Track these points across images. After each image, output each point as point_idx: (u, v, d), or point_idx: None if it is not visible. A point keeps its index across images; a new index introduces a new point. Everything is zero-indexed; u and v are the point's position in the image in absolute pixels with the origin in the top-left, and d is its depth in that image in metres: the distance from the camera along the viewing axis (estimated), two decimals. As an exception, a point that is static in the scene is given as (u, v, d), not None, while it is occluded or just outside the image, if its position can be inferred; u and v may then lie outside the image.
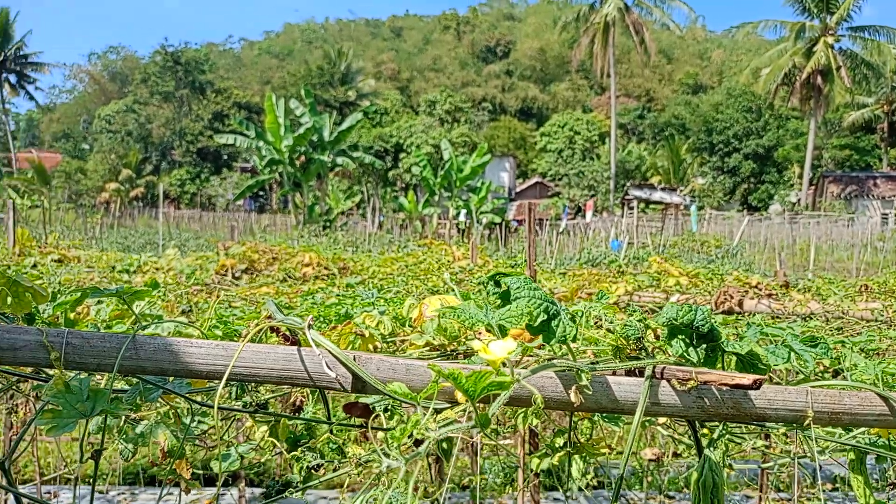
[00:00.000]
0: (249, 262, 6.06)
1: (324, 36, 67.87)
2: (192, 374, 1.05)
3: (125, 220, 32.92)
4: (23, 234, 6.62)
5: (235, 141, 30.76)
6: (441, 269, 6.67)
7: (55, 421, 0.94)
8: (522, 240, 25.04)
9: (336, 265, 6.62)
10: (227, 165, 47.15)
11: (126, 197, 41.32)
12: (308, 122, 29.57)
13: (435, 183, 32.53)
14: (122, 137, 46.58)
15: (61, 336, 1.02)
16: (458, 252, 7.95)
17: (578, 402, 0.99)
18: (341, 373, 1.04)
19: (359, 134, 42.57)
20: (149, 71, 48.48)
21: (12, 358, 1.03)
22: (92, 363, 1.03)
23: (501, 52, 63.91)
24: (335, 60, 50.76)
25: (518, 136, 50.85)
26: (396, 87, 57.20)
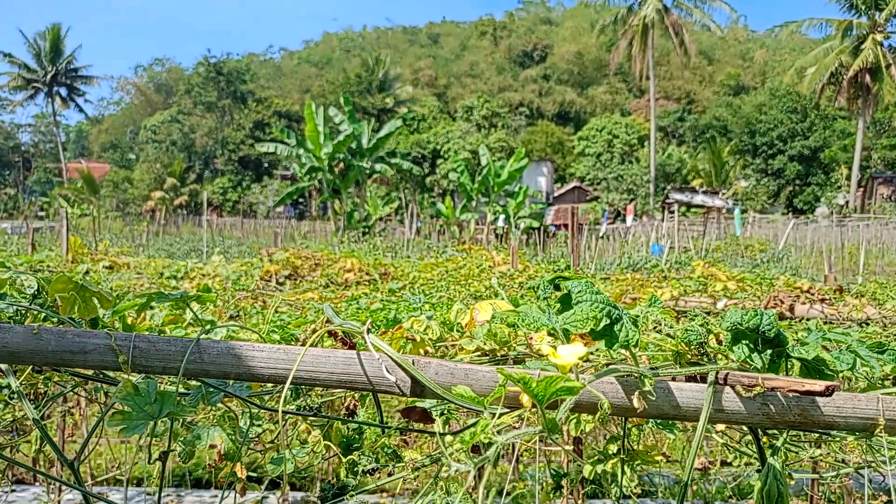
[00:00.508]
0: (293, 268, 6.14)
1: (362, 44, 68.58)
2: (254, 377, 1.06)
3: (170, 227, 33.69)
4: (75, 242, 6.83)
5: (276, 149, 31.28)
6: (481, 275, 6.66)
7: (126, 422, 0.96)
8: (561, 245, 24.85)
9: (377, 271, 6.67)
10: (267, 173, 47.94)
11: (171, 205, 42.31)
12: (347, 129, 29.90)
13: (472, 188, 32.55)
14: (166, 147, 47.75)
15: (129, 340, 1.05)
16: (497, 257, 7.93)
17: (641, 408, 0.97)
18: (400, 377, 1.05)
19: (396, 140, 42.89)
20: (192, 82, 49.63)
21: (82, 361, 1.06)
22: (158, 366, 1.06)
23: (538, 56, 63.68)
24: (373, 68, 51.24)
25: (556, 140, 50.57)
26: (433, 93, 57.45)
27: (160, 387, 1.18)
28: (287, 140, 30.67)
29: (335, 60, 63.95)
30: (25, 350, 1.05)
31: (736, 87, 56.28)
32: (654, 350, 1.18)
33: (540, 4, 75.88)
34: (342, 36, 72.29)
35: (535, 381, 0.80)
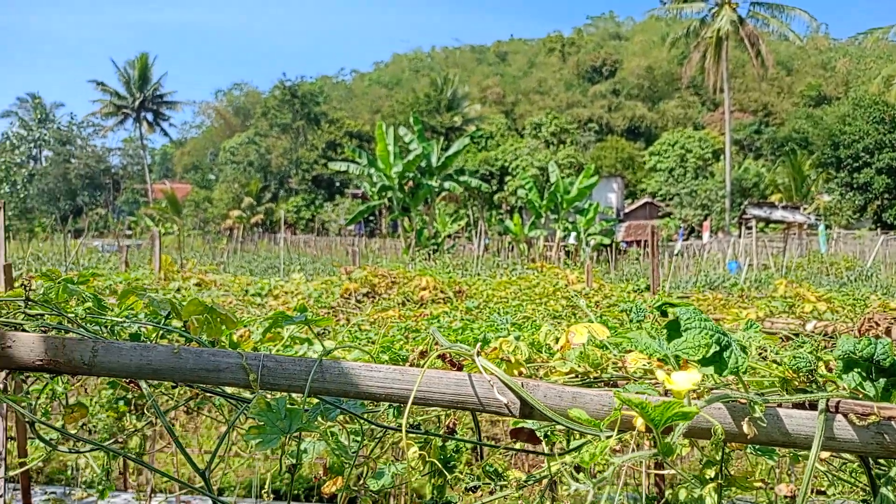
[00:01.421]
0: (370, 286, 6.28)
1: (430, 64, 69.62)
2: (370, 396, 1.13)
3: (247, 244, 34.88)
4: (166, 260, 7.21)
5: (348, 168, 32.04)
6: (556, 293, 6.64)
7: (261, 436, 1.05)
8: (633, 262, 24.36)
9: (451, 289, 6.74)
10: (339, 192, 49.11)
11: (247, 223, 43.86)
12: (417, 148, 30.36)
13: (541, 205, 32.40)
14: (244, 168, 49.63)
15: (258, 359, 1.14)
16: (571, 276, 7.88)
17: (752, 434, 0.99)
18: (510, 398, 1.09)
19: (465, 158, 43.18)
20: (268, 105, 51.53)
21: (216, 378, 1.15)
22: (284, 384, 1.14)
23: (607, 71, 63.04)
24: (441, 87, 51.90)
25: (626, 155, 49.79)
26: (501, 110, 57.63)
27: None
28: (359, 159, 31.40)
29: (404, 81, 65.11)
30: (166, 367, 1.15)
31: (817, 98, 54.09)
32: (759, 376, 1.18)
33: (609, 19, 75.26)
34: (411, 57, 73.59)
35: (652, 405, 0.83)
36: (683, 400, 0.88)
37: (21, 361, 1.17)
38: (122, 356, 1.15)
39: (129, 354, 1.16)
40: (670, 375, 0.86)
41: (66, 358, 1.16)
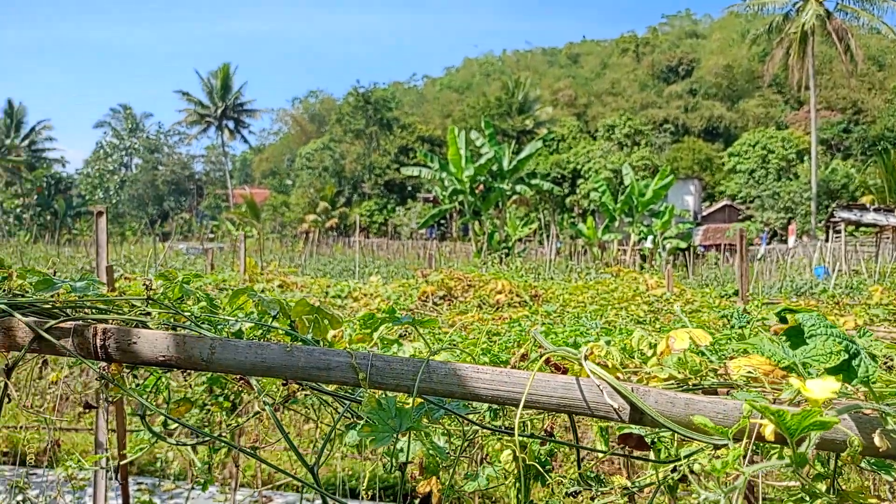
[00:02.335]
0: (446, 290, 6.33)
1: (501, 68, 69.53)
2: (476, 398, 1.14)
3: (321, 248, 35.70)
4: (250, 262, 7.47)
5: (420, 173, 32.36)
6: (635, 298, 6.49)
7: (372, 434, 1.07)
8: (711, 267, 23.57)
9: (527, 293, 6.70)
10: (411, 196, 49.68)
11: (322, 227, 44.92)
12: (488, 152, 30.37)
13: (615, 208, 31.82)
14: (319, 173, 50.91)
15: (367, 359, 1.16)
16: (651, 280, 7.70)
17: (884, 447, 0.94)
18: (620, 403, 1.08)
19: (536, 161, 42.89)
20: (343, 111, 52.69)
21: (326, 377, 1.19)
22: (391, 384, 1.16)
23: (684, 71, 61.33)
24: (513, 91, 51.77)
25: (703, 157, 48.27)
26: (573, 113, 56.94)
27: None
28: (430, 164, 31.66)
29: (475, 85, 65.26)
30: (279, 365, 1.19)
31: (912, 94, 50.95)
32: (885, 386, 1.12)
33: (685, 17, 73.22)
34: (482, 61, 73.70)
35: (790, 414, 0.80)
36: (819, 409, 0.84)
37: (145, 357, 1.24)
38: (237, 353, 1.20)
39: (244, 352, 1.20)
40: (805, 383, 0.82)
41: (186, 354, 1.21)
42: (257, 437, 6.18)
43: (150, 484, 6.77)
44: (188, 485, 7.00)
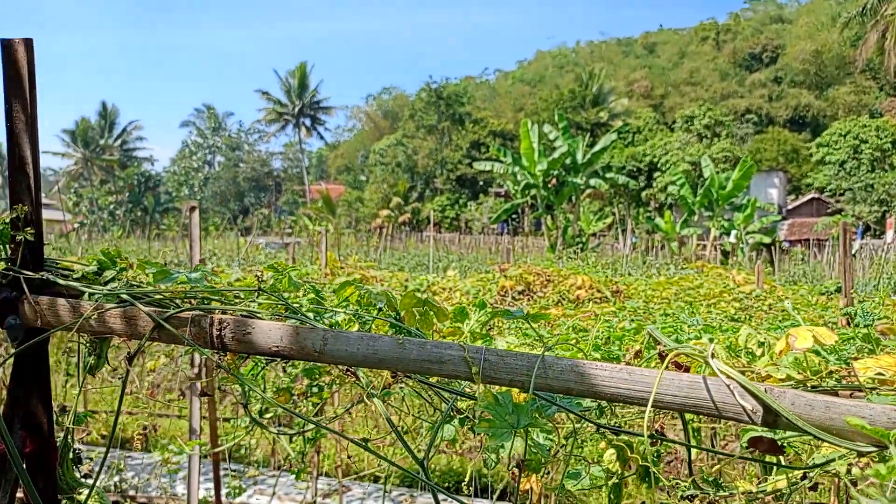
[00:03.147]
0: (525, 284, 6.27)
1: (575, 59, 68.41)
2: (596, 395, 1.10)
3: (395, 242, 36.13)
4: (331, 256, 7.62)
5: (492, 167, 32.25)
6: (722, 295, 6.26)
7: (491, 430, 1.05)
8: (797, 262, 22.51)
9: (608, 288, 6.56)
10: (483, 191, 49.64)
11: (395, 222, 45.50)
12: (561, 145, 29.97)
13: (694, 202, 30.80)
14: (392, 169, 51.55)
15: (479, 353, 1.14)
16: (738, 276, 7.41)
17: None
18: (751, 405, 1.01)
19: (611, 154, 42.04)
20: (415, 107, 53.13)
21: (438, 370, 1.17)
22: (505, 379, 1.14)
23: (768, 58, 58.71)
24: (586, 83, 50.89)
25: (788, 148, 46.09)
26: (649, 104, 55.47)
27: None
28: (503, 158, 31.51)
29: (548, 78, 64.50)
30: (391, 357, 1.19)
31: None
32: None
33: (769, 2, 70.00)
34: (555, 53, 72.74)
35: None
36: None
37: (259, 347, 1.26)
38: (349, 345, 1.21)
39: (356, 344, 1.20)
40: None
41: (299, 345, 1.23)
42: (341, 427, 6.30)
43: (235, 470, 7.01)
44: (270, 471, 7.22)
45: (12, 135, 1.43)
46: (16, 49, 1.41)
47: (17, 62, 1.41)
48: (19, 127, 1.42)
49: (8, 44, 1.40)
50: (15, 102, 1.42)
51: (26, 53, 1.41)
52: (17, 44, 1.41)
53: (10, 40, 1.40)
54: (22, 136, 1.42)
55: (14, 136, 1.42)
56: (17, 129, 1.42)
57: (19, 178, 1.43)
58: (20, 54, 1.41)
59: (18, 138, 1.42)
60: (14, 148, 1.43)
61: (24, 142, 1.42)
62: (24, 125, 1.42)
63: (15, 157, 1.43)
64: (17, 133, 1.42)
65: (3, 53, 1.41)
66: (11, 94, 1.42)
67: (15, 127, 1.42)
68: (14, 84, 1.41)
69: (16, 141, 1.42)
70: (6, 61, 1.41)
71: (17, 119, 1.42)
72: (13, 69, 1.41)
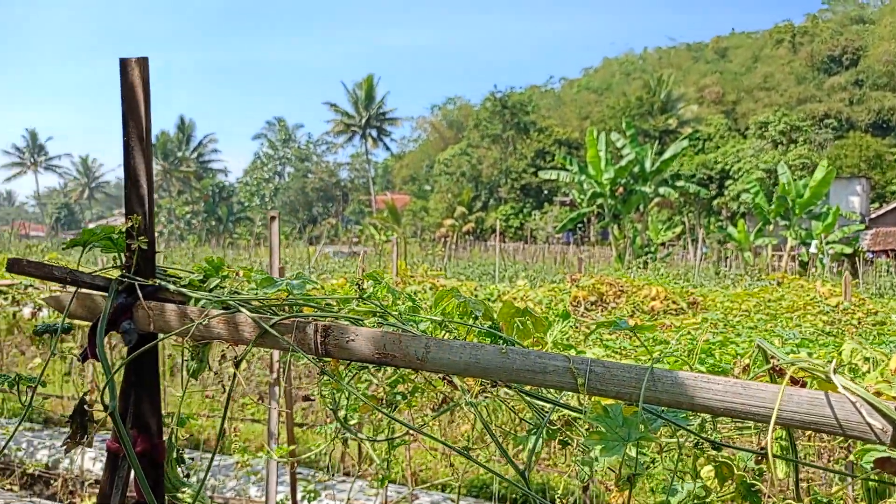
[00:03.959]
0: (598, 295, 6.17)
1: (642, 66, 67.19)
2: (707, 409, 1.07)
3: (459, 252, 36.22)
4: (401, 265, 7.70)
5: (558, 176, 31.99)
6: (807, 307, 6.00)
7: (602, 443, 1.03)
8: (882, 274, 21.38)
9: (684, 299, 6.39)
10: (547, 200, 49.26)
11: (459, 231, 45.64)
12: (629, 153, 29.46)
13: (769, 210, 29.69)
14: (456, 178, 51.78)
15: (585, 364, 1.13)
16: (822, 288, 7.09)
17: None
18: (880, 424, 0.96)
19: (680, 162, 41.05)
20: (480, 116, 53.28)
21: (541, 380, 1.17)
22: (612, 391, 1.12)
23: (848, 60, 56.19)
24: (654, 89, 49.92)
25: (871, 153, 43.91)
26: (721, 110, 53.90)
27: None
28: (569, 167, 31.21)
29: (615, 85, 63.57)
30: (494, 366, 1.19)
31: None
32: None
33: (850, 2, 67.07)
34: (622, 60, 71.64)
35: None
36: None
37: (361, 354, 1.28)
38: (452, 353, 1.21)
39: (458, 352, 1.21)
40: None
41: (402, 352, 1.24)
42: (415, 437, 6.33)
43: (305, 474, 7.13)
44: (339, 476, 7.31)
45: (128, 148, 1.50)
46: (132, 67, 1.48)
47: (133, 79, 1.48)
48: (134, 141, 1.50)
49: (125, 62, 1.48)
50: (130, 117, 1.49)
51: (141, 71, 1.49)
52: (133, 62, 1.48)
53: (128, 59, 1.48)
54: (136, 149, 1.50)
55: (129, 150, 1.50)
56: (131, 143, 1.50)
57: (133, 189, 1.50)
58: (136, 72, 1.48)
59: (133, 151, 1.50)
60: (129, 160, 1.50)
61: (137, 155, 1.50)
62: (139, 139, 1.49)
63: (130, 169, 1.50)
64: (132, 146, 1.50)
65: (121, 71, 1.49)
66: (127, 109, 1.49)
67: (130, 141, 1.50)
68: (130, 100, 1.49)
69: (131, 154, 1.50)
70: (123, 78, 1.49)
71: (131, 133, 1.50)
72: (129, 86, 1.48)
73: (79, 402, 1.53)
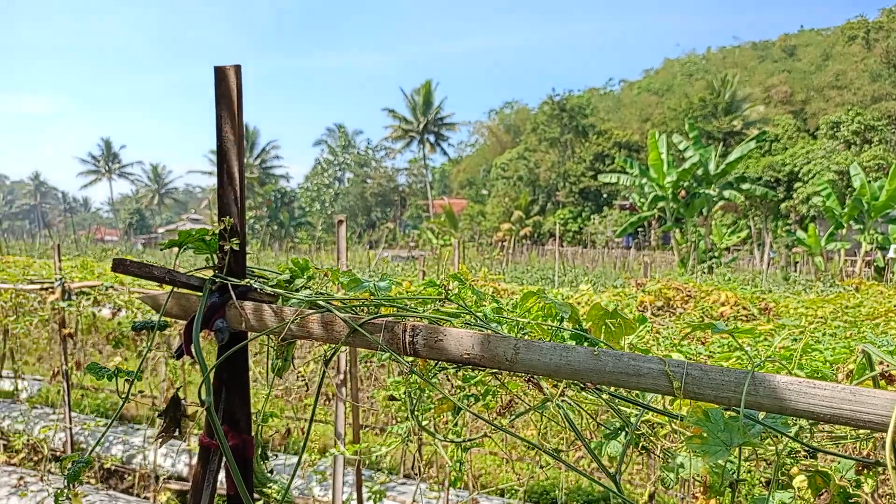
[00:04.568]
0: (665, 300, 6.03)
1: (706, 66, 65.52)
2: (812, 416, 1.03)
3: (516, 256, 36.06)
4: (462, 269, 7.72)
5: (618, 179, 31.53)
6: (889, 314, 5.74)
7: (704, 447, 1.01)
8: (967, 281, 20.20)
9: (755, 305, 6.19)
10: (606, 204, 48.55)
11: (516, 236, 45.43)
12: (692, 155, 28.79)
13: (842, 214, 28.50)
14: (514, 182, 51.60)
15: (681, 367, 1.11)
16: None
17: None
18: None
19: (746, 164, 39.86)
20: (538, 120, 52.97)
21: (635, 383, 1.15)
22: (710, 395, 1.09)
23: (928, 55, 53.45)
24: (718, 90, 48.63)
25: (955, 153, 41.62)
26: (789, 111, 52.06)
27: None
28: (629, 170, 30.72)
29: (676, 86, 62.18)
30: (586, 369, 1.18)
31: None
32: None
33: (929, -6, 63.79)
34: (684, 61, 70.02)
35: None
36: None
37: (450, 354, 1.29)
38: (542, 355, 1.21)
39: (549, 354, 1.21)
40: None
41: (490, 353, 1.24)
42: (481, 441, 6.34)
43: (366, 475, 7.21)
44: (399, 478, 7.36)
45: (222, 152, 1.56)
46: (227, 74, 1.54)
47: (228, 86, 1.54)
48: (228, 145, 1.55)
49: (220, 70, 1.54)
50: (225, 122, 1.55)
51: (236, 78, 1.54)
52: (228, 70, 1.54)
53: (223, 67, 1.54)
54: (231, 153, 1.55)
55: (223, 153, 1.55)
56: (226, 147, 1.55)
57: (227, 192, 1.56)
58: (231, 79, 1.54)
59: (227, 155, 1.55)
60: (223, 164, 1.56)
61: (232, 158, 1.55)
62: (233, 143, 1.55)
63: (224, 173, 1.56)
64: (227, 150, 1.55)
65: (216, 78, 1.54)
66: (222, 114, 1.55)
67: (224, 145, 1.56)
68: (224, 106, 1.54)
69: (225, 157, 1.55)
70: (218, 85, 1.54)
71: (226, 137, 1.55)
72: (224, 92, 1.54)
73: (172, 397, 1.59)
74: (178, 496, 6.39)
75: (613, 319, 1.32)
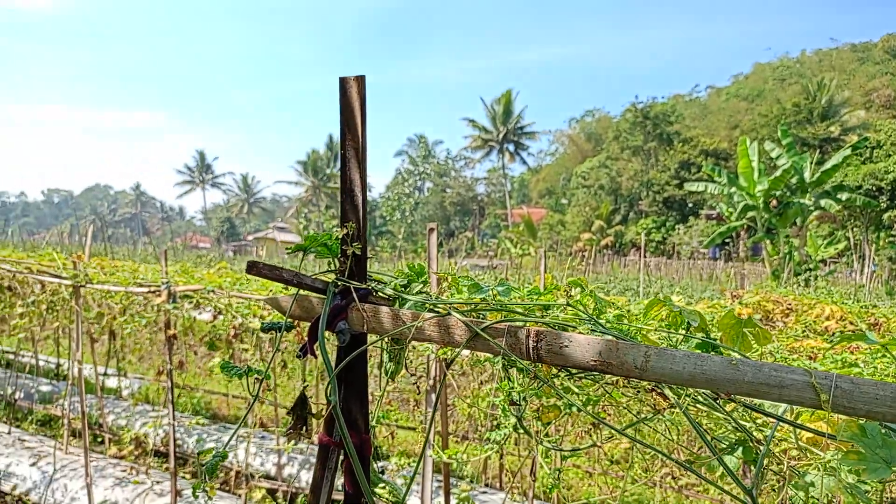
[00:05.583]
0: (763, 312, 5.79)
1: (799, 70, 62.56)
2: (981, 435, 0.97)
3: (596, 266, 35.43)
4: (547, 278, 7.66)
5: (705, 188, 30.51)
6: None
7: (860, 463, 0.96)
8: None
9: (863, 320, 5.85)
10: (693, 213, 47.04)
11: (597, 245, 44.67)
12: (785, 163, 27.53)
13: (954, 225, 26.55)
14: (595, 191, 50.77)
15: (829, 379, 1.06)
16: None
17: None
18: None
19: (844, 173, 37.78)
20: (620, 128, 51.98)
21: (777, 394, 1.11)
22: (861, 409, 1.04)
23: None
24: (814, 94, 46.33)
25: None
26: (892, 115, 48.99)
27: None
28: (717, 178, 29.67)
29: (767, 92, 59.64)
30: (722, 378, 1.14)
31: None
32: None
33: None
34: (776, 65, 67.10)
35: None
36: None
37: (575, 360, 1.28)
38: (674, 363, 1.18)
39: (681, 362, 1.18)
40: None
41: (619, 360, 1.23)
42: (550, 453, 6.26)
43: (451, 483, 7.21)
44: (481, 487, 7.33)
45: (345, 160, 1.61)
46: (350, 85, 1.59)
47: (351, 96, 1.59)
48: (350, 153, 1.60)
49: (344, 80, 1.59)
50: (348, 132, 1.60)
51: (358, 88, 1.59)
52: (351, 80, 1.59)
53: (346, 78, 1.59)
54: (352, 161, 1.60)
55: (346, 161, 1.60)
56: (348, 155, 1.60)
57: (349, 198, 1.61)
58: (353, 89, 1.59)
59: (349, 163, 1.60)
60: (346, 171, 1.61)
61: (353, 166, 1.60)
62: (355, 151, 1.60)
63: (346, 180, 1.61)
64: (349, 158, 1.60)
65: (340, 89, 1.60)
66: (345, 124, 1.60)
67: (347, 153, 1.61)
68: (348, 115, 1.59)
69: (347, 165, 1.60)
70: (342, 95, 1.60)
71: (349, 146, 1.60)
72: (347, 102, 1.59)
73: (300, 396, 1.65)
74: (269, 494, 6.60)
75: (750, 328, 1.27)
